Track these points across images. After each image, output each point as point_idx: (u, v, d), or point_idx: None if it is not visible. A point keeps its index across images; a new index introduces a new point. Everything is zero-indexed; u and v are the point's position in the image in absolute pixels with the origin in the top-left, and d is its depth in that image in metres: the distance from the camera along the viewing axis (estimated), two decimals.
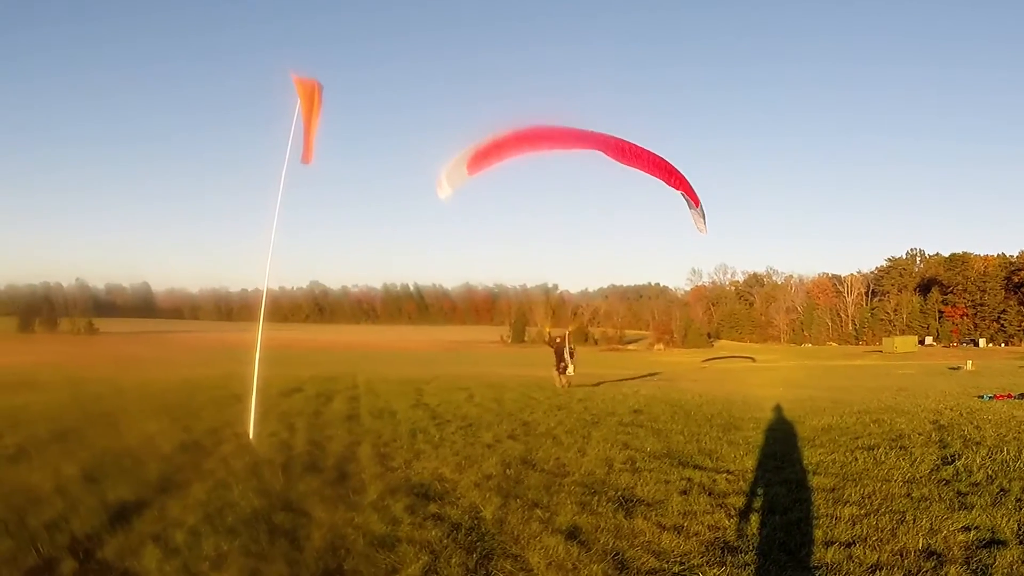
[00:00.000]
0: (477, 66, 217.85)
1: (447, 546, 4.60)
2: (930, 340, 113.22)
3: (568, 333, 20.41)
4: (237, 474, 6.54)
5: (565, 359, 18.27)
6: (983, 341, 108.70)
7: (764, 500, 5.74)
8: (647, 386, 21.12)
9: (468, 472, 6.77)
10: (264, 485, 6.14)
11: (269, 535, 4.77)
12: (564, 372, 18.13)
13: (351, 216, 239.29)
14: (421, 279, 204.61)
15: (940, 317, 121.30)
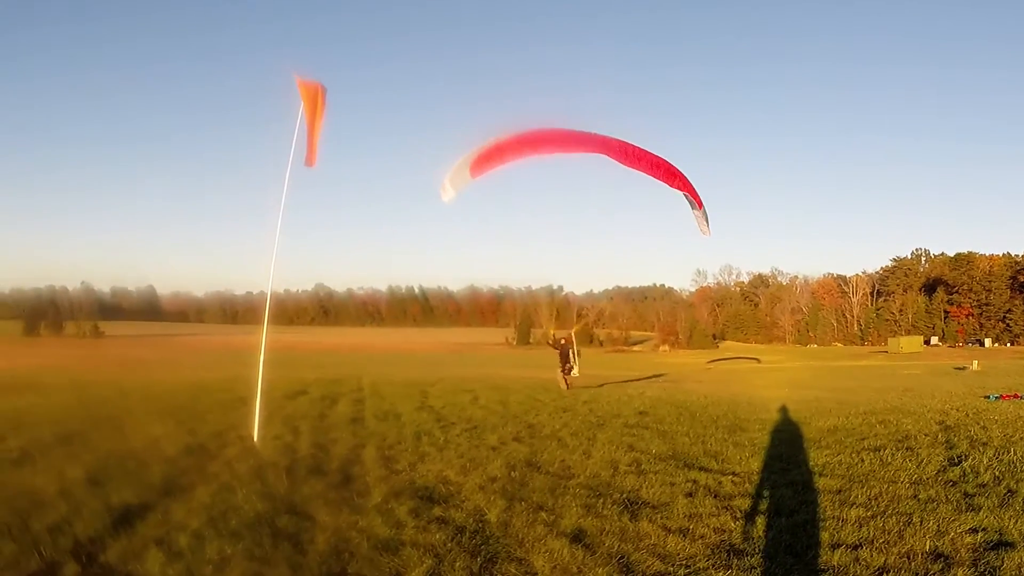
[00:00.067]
0: (478, 66, 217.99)
1: (451, 549, 4.59)
2: (935, 340, 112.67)
3: (572, 334, 20.28)
4: (241, 477, 6.54)
5: (571, 360, 18.23)
6: (989, 341, 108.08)
7: (770, 502, 5.71)
8: (652, 387, 21.06)
9: (473, 475, 6.76)
10: (268, 488, 6.14)
11: (273, 539, 4.77)
12: (569, 373, 18.10)
13: (356, 218, 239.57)
14: (426, 281, 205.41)
15: (945, 317, 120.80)
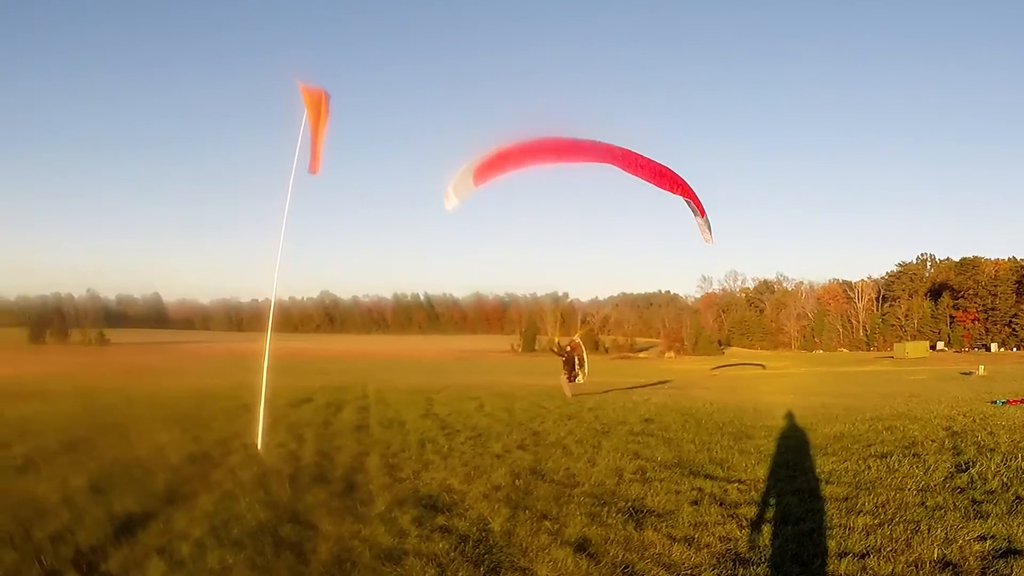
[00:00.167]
0: (478, 67, 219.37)
1: (454, 559, 4.56)
2: (941, 345, 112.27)
3: (577, 341, 20.06)
4: (244, 485, 6.52)
5: (576, 368, 18.11)
6: (995, 345, 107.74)
7: (776, 510, 5.66)
8: (658, 394, 21.00)
9: (477, 483, 6.72)
10: (271, 497, 6.12)
11: (275, 548, 4.74)
12: (573, 380, 18.00)
13: (361, 225, 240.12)
14: (431, 288, 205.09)
15: (951, 322, 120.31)
